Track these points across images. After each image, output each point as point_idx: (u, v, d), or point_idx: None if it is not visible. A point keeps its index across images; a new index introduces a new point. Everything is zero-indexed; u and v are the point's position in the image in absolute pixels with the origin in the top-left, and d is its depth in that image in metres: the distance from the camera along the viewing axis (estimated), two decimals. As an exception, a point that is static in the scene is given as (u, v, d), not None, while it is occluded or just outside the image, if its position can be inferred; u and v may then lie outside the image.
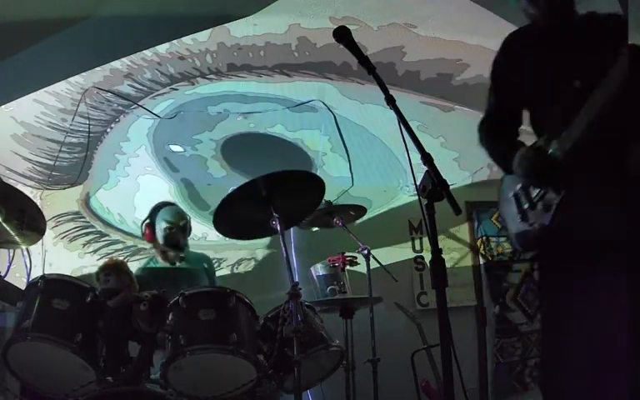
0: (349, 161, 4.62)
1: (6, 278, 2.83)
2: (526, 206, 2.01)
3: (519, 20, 2.14)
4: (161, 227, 3.48)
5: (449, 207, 1.55)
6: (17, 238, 2.69)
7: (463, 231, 4.98)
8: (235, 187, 2.53)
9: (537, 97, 2.01)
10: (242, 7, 3.37)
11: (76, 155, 4.21)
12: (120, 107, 4.04)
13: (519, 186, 2.06)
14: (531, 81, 2.00)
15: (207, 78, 3.94)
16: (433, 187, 1.57)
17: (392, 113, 1.65)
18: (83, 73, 3.67)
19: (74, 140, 4.11)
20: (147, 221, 3.55)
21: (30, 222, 2.68)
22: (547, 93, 1.94)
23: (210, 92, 4.07)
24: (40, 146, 4.09)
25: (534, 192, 1.99)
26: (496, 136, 2.16)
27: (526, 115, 2.18)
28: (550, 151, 1.90)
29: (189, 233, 3.65)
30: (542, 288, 2.10)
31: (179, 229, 3.48)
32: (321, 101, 4.23)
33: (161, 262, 3.55)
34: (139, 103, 4.01)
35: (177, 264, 3.52)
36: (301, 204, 2.78)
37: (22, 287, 2.52)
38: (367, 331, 3.34)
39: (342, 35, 1.76)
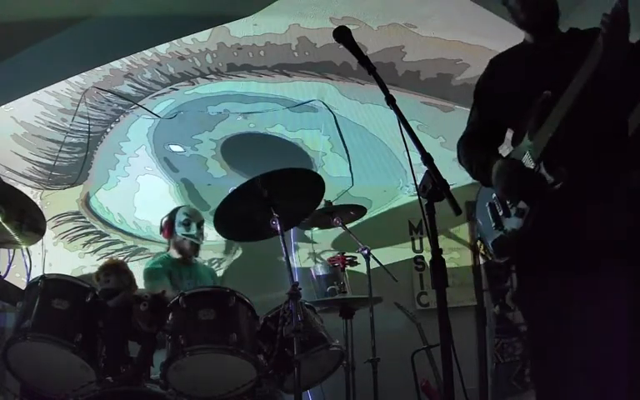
0: (349, 161, 4.62)
1: (6, 278, 2.83)
2: (501, 213, 2.02)
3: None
4: (180, 219, 3.67)
5: (449, 207, 1.55)
6: (17, 238, 2.69)
7: (463, 231, 4.97)
8: (235, 187, 2.54)
9: (520, 113, 2.03)
10: (242, 7, 3.37)
11: (76, 155, 4.21)
12: (120, 107, 4.04)
13: (494, 195, 2.07)
14: (515, 97, 2.03)
15: (207, 78, 3.94)
16: (433, 187, 1.57)
17: (392, 113, 1.65)
18: (83, 73, 3.67)
19: (74, 140, 4.12)
20: (167, 218, 3.74)
21: (30, 222, 2.68)
22: (527, 106, 1.96)
23: (210, 92, 4.07)
24: (40, 146, 4.10)
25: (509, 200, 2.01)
26: (477, 150, 2.17)
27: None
28: (523, 160, 1.92)
29: (203, 238, 3.77)
30: (525, 292, 2.12)
31: (196, 224, 3.68)
32: (321, 101, 4.23)
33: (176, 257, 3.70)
34: (139, 103, 4.01)
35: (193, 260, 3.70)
36: (301, 204, 2.78)
37: (22, 287, 2.52)
38: (367, 331, 3.34)
39: (342, 35, 1.76)
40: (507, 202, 2.00)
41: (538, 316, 1.96)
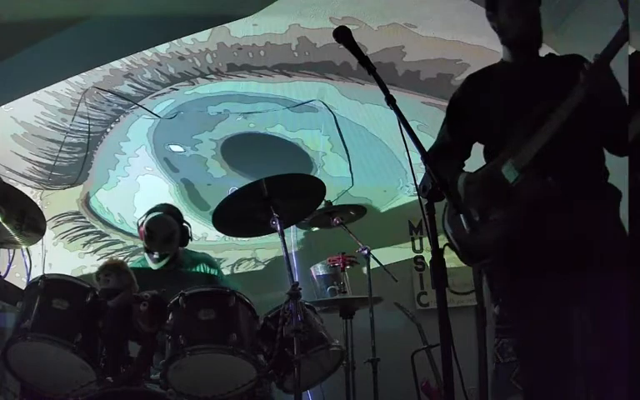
0: (349, 161, 4.62)
1: (6, 278, 2.82)
2: (477, 219, 2.03)
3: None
4: (144, 230, 3.40)
5: (449, 207, 1.55)
6: (17, 238, 2.69)
7: (463, 231, 4.97)
8: (235, 188, 2.54)
9: (494, 129, 2.06)
10: (242, 7, 3.37)
11: (76, 155, 4.22)
12: (120, 107, 4.04)
13: None
14: (493, 114, 2.07)
15: (207, 78, 3.94)
16: (433, 187, 1.58)
17: (392, 113, 1.65)
18: (83, 73, 3.68)
19: (74, 140, 4.12)
20: (143, 219, 3.45)
21: (30, 222, 2.67)
22: (505, 123, 2.00)
23: (210, 92, 4.07)
24: (40, 146, 4.10)
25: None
26: (444, 163, 2.18)
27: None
28: (503, 169, 1.95)
29: (182, 242, 3.45)
30: (508, 293, 2.14)
31: (157, 238, 3.36)
32: (321, 101, 4.23)
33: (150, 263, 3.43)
34: (139, 103, 4.01)
35: (162, 264, 3.40)
36: (301, 205, 2.78)
37: (22, 287, 2.52)
38: (367, 331, 3.34)
39: (342, 35, 1.76)
40: (485, 209, 2.01)
41: (534, 317, 1.97)
